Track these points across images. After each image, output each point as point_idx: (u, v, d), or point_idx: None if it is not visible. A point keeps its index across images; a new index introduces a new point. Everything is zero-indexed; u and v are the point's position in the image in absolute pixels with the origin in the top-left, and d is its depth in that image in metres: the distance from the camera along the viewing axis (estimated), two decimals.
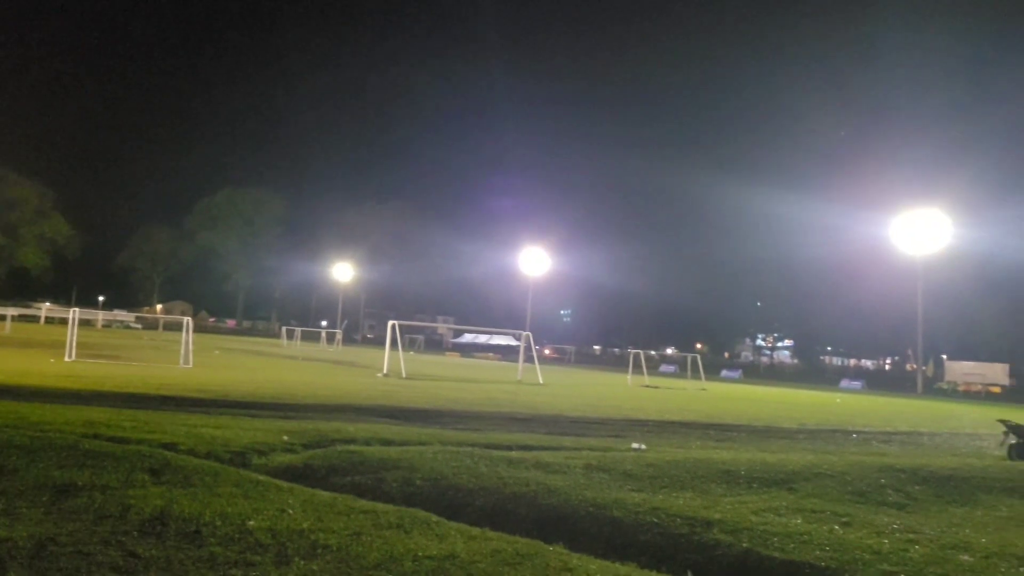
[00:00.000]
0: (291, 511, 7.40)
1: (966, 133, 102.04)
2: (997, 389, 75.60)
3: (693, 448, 15.24)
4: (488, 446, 12.73)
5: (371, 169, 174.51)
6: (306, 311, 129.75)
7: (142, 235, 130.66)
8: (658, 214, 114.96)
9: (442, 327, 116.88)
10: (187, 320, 33.98)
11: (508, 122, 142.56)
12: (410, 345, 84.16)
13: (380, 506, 8.15)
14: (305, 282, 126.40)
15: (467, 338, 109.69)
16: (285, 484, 8.78)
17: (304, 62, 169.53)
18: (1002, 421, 17.29)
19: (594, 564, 7.06)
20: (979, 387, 75.84)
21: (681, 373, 58.62)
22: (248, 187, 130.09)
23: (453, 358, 78.74)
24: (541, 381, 34.55)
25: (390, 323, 35.56)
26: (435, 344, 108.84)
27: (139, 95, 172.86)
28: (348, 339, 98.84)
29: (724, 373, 79.14)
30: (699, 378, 46.99)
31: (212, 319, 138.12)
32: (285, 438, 11.87)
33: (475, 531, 7.64)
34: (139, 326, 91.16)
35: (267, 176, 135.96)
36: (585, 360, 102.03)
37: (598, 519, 8.77)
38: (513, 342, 39.80)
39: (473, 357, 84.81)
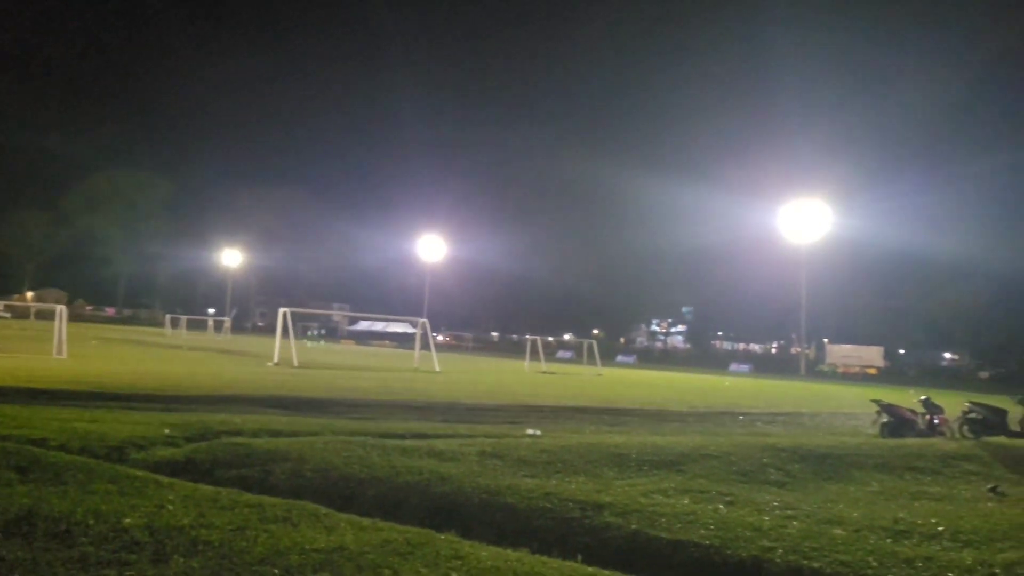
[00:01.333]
0: (171, 507, 7.09)
1: (845, 126, 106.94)
2: (873, 371, 79.81)
3: (587, 433, 15.45)
4: (382, 435, 12.56)
5: (263, 152, 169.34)
6: (193, 299, 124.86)
7: (12, 219, 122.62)
8: (556, 201, 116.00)
9: (337, 314, 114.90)
10: (60, 308, 32.28)
11: (404, 107, 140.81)
12: (304, 333, 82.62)
13: (267, 499, 7.91)
14: (192, 268, 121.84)
15: (363, 326, 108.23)
16: (165, 479, 8.41)
17: (190, 36, 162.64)
18: (875, 401, 18.21)
19: (486, 551, 7.03)
20: (857, 369, 79.91)
21: (578, 359, 59.48)
22: (131, 169, 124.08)
23: (348, 346, 77.58)
24: (438, 368, 34.42)
25: (281, 311, 34.73)
26: (330, 332, 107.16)
27: (6, 68, 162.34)
28: (238, 327, 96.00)
29: (619, 358, 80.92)
30: (595, 363, 47.76)
31: (90, 307, 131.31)
32: (167, 431, 11.40)
33: (365, 522, 7.51)
34: (8, 315, 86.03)
35: (152, 158, 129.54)
36: (483, 347, 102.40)
37: (491, 506, 8.76)
38: (410, 329, 39.49)
39: (369, 345, 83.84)
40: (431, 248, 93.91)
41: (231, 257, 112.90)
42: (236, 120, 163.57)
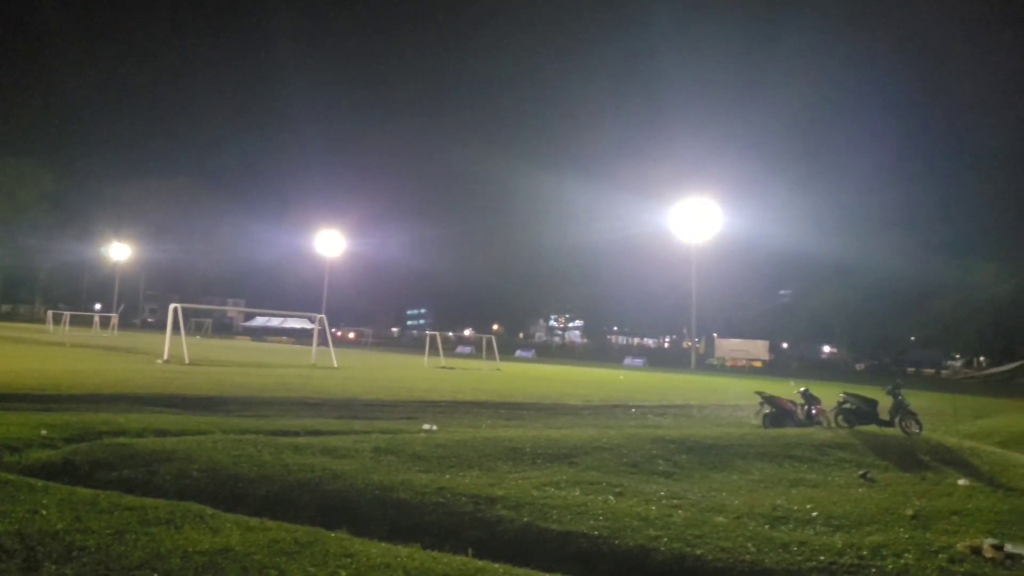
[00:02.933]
0: (45, 512, 6.80)
1: (734, 128, 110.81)
2: (759, 363, 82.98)
3: (483, 427, 15.54)
4: (274, 433, 12.34)
5: (153, 143, 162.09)
6: (77, 294, 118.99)
7: None
8: (456, 197, 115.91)
9: (232, 310, 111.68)
10: None
11: (301, 100, 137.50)
12: (197, 329, 79.99)
13: (150, 501, 7.67)
14: (77, 262, 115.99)
15: (259, 321, 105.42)
16: (40, 483, 8.04)
17: (74, 20, 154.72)
18: (759, 393, 18.95)
19: (376, 548, 7.02)
20: (744, 362, 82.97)
21: (477, 354, 59.57)
22: (9, 157, 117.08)
23: (243, 342, 75.48)
24: (335, 364, 33.92)
25: (172, 306, 33.55)
26: (225, 328, 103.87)
27: None
28: (126, 324, 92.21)
29: (518, 353, 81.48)
30: (494, 358, 47.97)
31: None
32: (44, 432, 10.88)
33: (253, 522, 7.38)
34: None
35: (32, 146, 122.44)
36: (383, 343, 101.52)
37: (384, 502, 8.74)
38: (308, 325, 38.74)
39: (265, 341, 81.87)
40: (330, 243, 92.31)
41: (119, 251, 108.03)
42: (124, 109, 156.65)
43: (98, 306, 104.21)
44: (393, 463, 10.55)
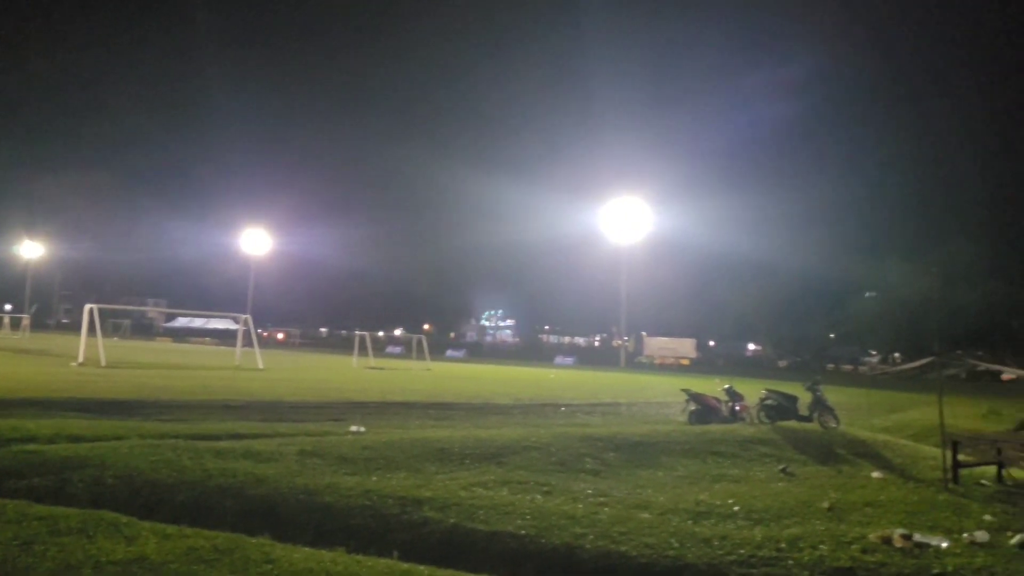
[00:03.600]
0: None
1: (664, 130, 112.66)
2: (686, 361, 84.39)
3: (412, 428, 15.45)
4: (195, 437, 12.03)
5: (68, 136, 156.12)
6: None
7: None
8: (387, 196, 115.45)
9: (152, 310, 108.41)
10: None
11: (225, 95, 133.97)
12: (114, 330, 77.54)
13: (61, 510, 7.40)
14: None
15: (181, 322, 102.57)
16: None
17: None
18: (684, 390, 19.28)
19: (299, 553, 6.92)
20: (672, 360, 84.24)
21: (408, 354, 59.17)
22: None
23: (164, 344, 73.40)
24: (261, 366, 33.26)
25: (87, 306, 32.41)
26: (145, 329, 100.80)
27: None
28: (39, 325, 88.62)
29: (449, 353, 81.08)
30: (424, 358, 47.72)
31: None
32: None
33: (171, 529, 7.20)
34: None
35: None
36: (311, 343, 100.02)
37: (308, 506, 8.62)
38: (233, 326, 37.86)
39: (187, 342, 79.84)
40: (255, 241, 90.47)
41: (31, 249, 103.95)
42: (37, 101, 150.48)
43: (8, 307, 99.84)
44: (319, 466, 10.40)
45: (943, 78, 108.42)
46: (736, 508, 9.21)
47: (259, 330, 57.04)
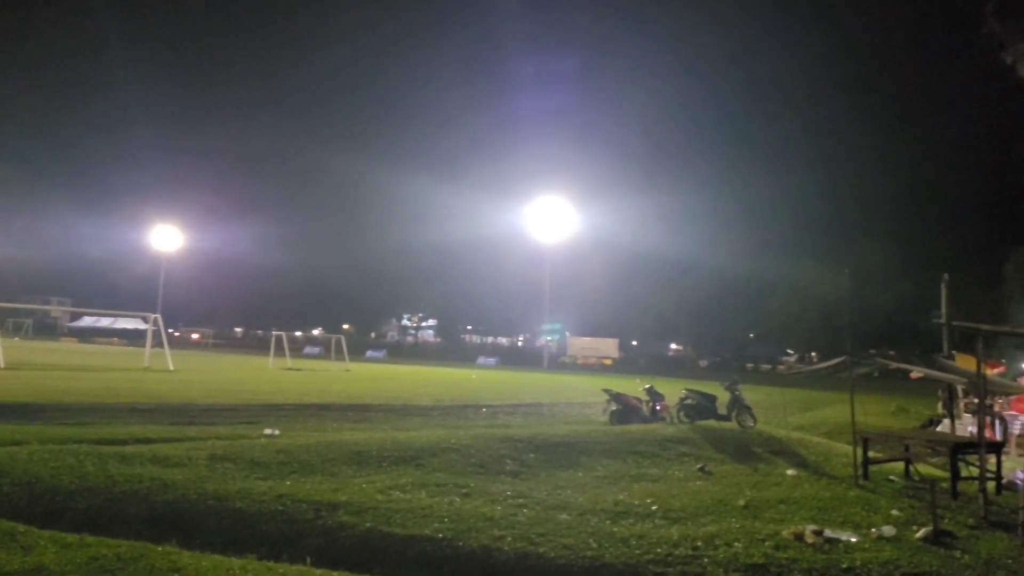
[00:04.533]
0: None
1: (586, 128, 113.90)
2: (609, 361, 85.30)
3: (329, 431, 15.15)
4: (99, 442, 11.55)
5: None
6: None
7: None
8: (305, 193, 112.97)
9: (56, 309, 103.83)
10: None
11: (133, 86, 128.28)
12: (15, 331, 74.20)
13: None
14: None
15: (87, 322, 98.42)
16: None
17: None
18: (606, 390, 19.41)
19: (207, 561, 6.67)
20: (595, 360, 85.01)
21: (326, 355, 58.20)
22: None
23: (69, 344, 70.47)
24: (172, 367, 32.21)
25: None
26: (48, 329, 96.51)
27: None
28: None
29: (369, 353, 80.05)
30: (343, 359, 47.01)
31: None
32: None
33: (71, 538, 6.87)
34: None
35: None
36: (226, 344, 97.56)
37: (218, 512, 8.33)
38: (142, 326, 36.50)
39: (94, 343, 76.92)
40: (166, 238, 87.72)
41: None
42: None
43: None
44: (230, 471, 10.09)
45: (856, 81, 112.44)
46: (654, 507, 9.26)
47: (170, 330, 55.35)
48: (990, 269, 52.82)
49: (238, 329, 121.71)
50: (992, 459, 11.47)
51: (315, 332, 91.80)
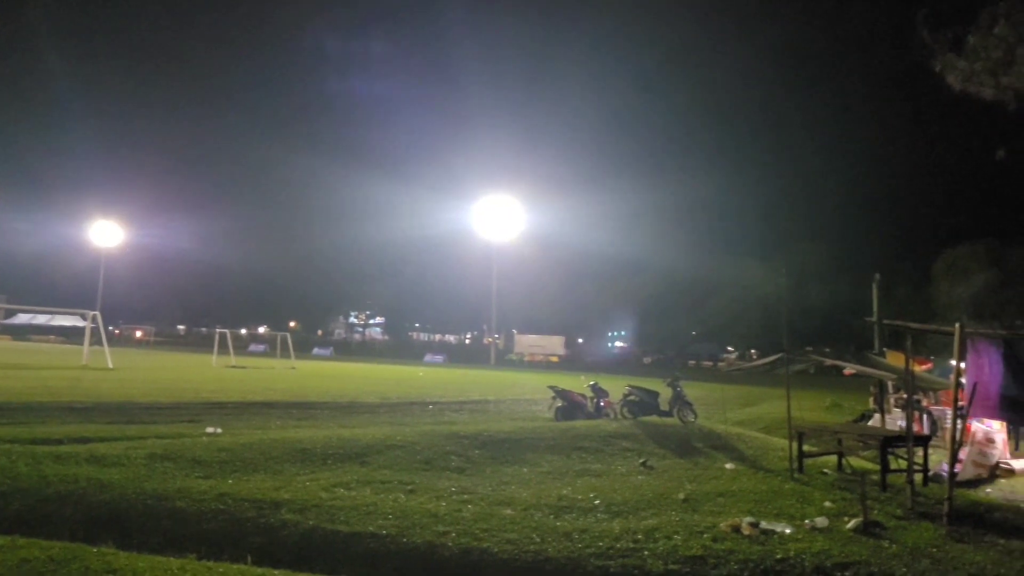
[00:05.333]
0: None
1: (535, 127, 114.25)
2: (555, 358, 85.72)
3: (273, 429, 15.02)
4: (33, 441, 11.30)
5: None
6: None
7: None
8: (252, 190, 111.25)
9: None
10: None
11: (67, 76, 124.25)
12: None
13: None
14: None
15: (22, 319, 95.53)
16: None
17: None
18: (551, 387, 19.56)
19: (144, 561, 6.59)
20: (541, 357, 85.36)
21: (272, 352, 57.48)
22: None
23: (3, 342, 68.47)
24: (111, 365, 31.51)
25: None
26: None
27: None
28: None
29: (316, 351, 79.30)
30: (289, 357, 46.48)
31: None
32: None
33: (2, 540, 6.76)
34: None
35: None
36: (169, 341, 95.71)
37: (157, 512, 8.22)
38: (81, 323, 35.51)
39: (30, 340, 74.81)
40: (106, 234, 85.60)
41: None
42: None
43: None
44: (170, 470, 9.95)
45: (795, 85, 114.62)
46: (597, 502, 9.40)
47: (111, 327, 54.10)
48: (920, 269, 54.42)
49: (181, 327, 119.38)
50: (920, 452, 11.87)
51: (260, 330, 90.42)
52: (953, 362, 10.36)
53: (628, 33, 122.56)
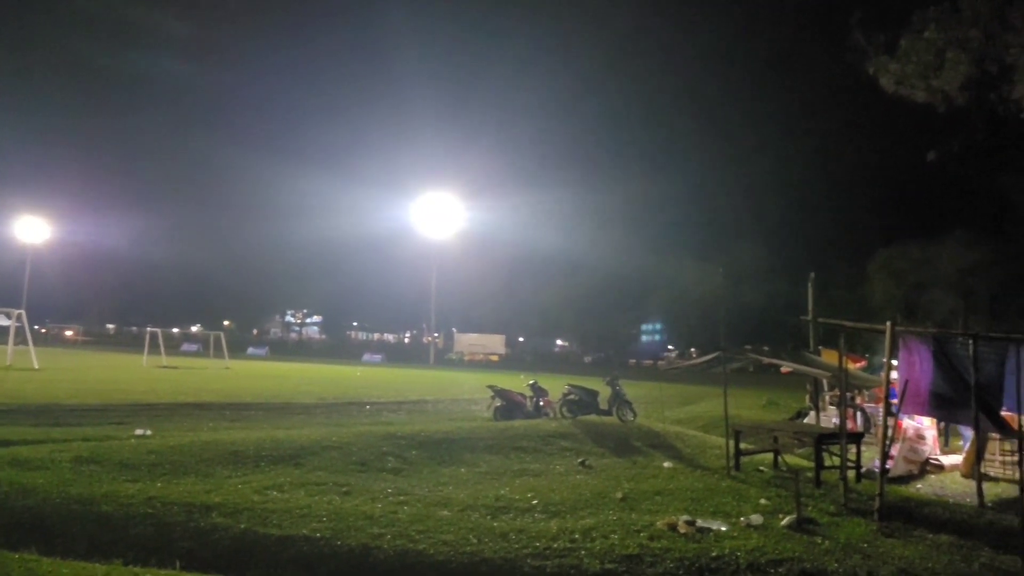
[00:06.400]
0: None
1: (475, 125, 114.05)
2: (495, 357, 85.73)
3: (205, 430, 14.66)
4: None
5: None
6: None
7: None
8: (184, 184, 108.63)
9: None
10: None
11: None
12: None
13: None
14: None
15: None
16: None
17: None
18: (490, 387, 19.51)
19: (68, 568, 6.38)
20: (481, 356, 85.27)
21: (205, 352, 56.23)
22: None
23: None
24: (37, 366, 30.44)
25: None
26: None
27: None
28: None
29: (251, 350, 77.73)
30: (223, 357, 45.52)
31: None
32: None
33: None
34: None
35: None
36: (98, 341, 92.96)
37: (83, 517, 7.94)
38: (4, 322, 34.26)
39: None
40: (32, 229, 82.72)
41: None
42: None
43: None
44: (96, 473, 9.63)
45: (733, 87, 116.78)
46: (535, 502, 9.37)
47: (37, 327, 52.34)
48: (857, 269, 55.76)
49: (111, 326, 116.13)
50: (853, 449, 12.13)
51: (194, 329, 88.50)
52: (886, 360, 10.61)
53: (568, 34, 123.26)
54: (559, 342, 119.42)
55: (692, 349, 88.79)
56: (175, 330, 77.56)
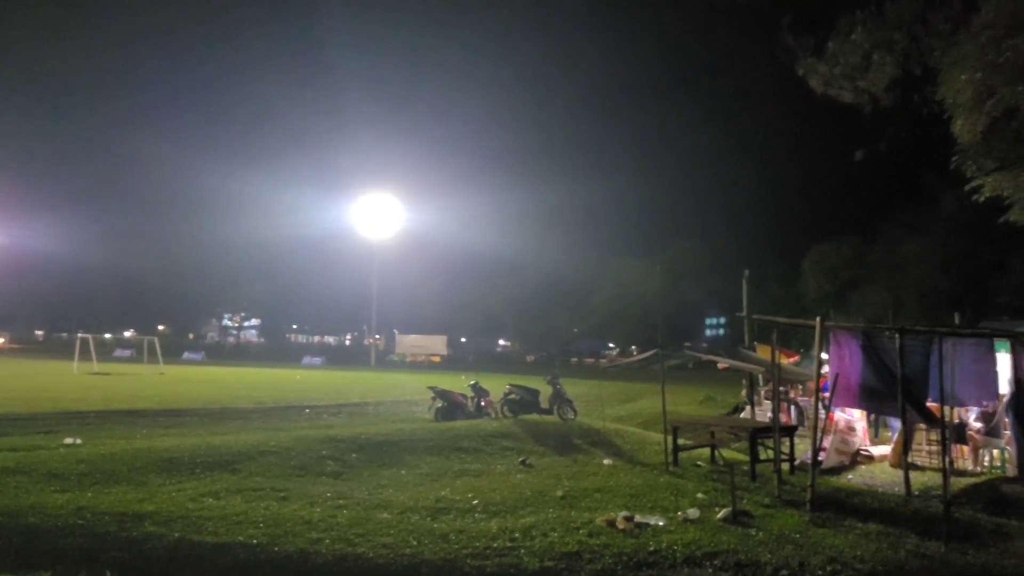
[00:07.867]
0: None
1: (415, 126, 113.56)
2: (438, 359, 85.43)
3: (138, 438, 14.34)
4: None
5: None
6: None
7: None
8: (115, 185, 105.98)
9: None
10: None
11: None
12: None
13: None
14: None
15: None
16: None
17: None
18: (431, 388, 19.45)
19: None
20: (423, 357, 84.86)
21: (139, 358, 54.81)
22: None
23: None
24: None
25: None
26: None
27: None
28: None
29: (186, 355, 75.91)
30: (157, 362, 44.48)
31: None
32: None
33: None
34: None
35: None
36: (25, 348, 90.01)
37: (9, 529, 7.70)
38: None
39: None
40: None
41: None
42: None
43: None
44: (23, 484, 9.35)
45: (671, 90, 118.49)
46: (476, 502, 9.37)
47: None
48: (791, 266, 57.12)
49: (39, 332, 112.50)
50: (787, 442, 12.41)
51: (127, 334, 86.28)
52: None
53: (506, 35, 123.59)
54: (501, 342, 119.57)
55: (633, 347, 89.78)
56: (107, 336, 75.50)
